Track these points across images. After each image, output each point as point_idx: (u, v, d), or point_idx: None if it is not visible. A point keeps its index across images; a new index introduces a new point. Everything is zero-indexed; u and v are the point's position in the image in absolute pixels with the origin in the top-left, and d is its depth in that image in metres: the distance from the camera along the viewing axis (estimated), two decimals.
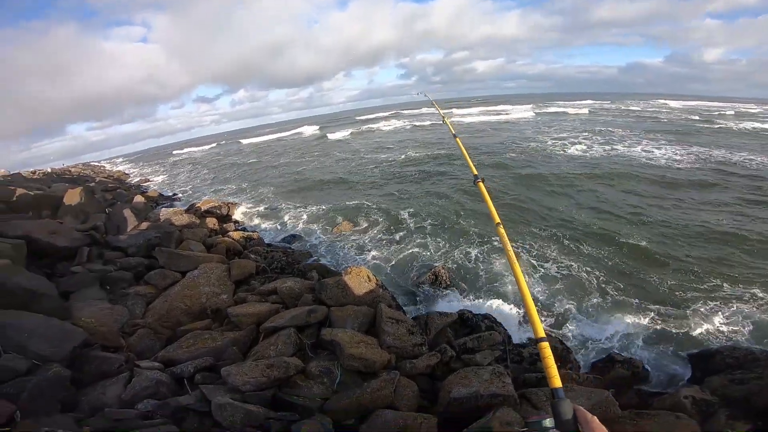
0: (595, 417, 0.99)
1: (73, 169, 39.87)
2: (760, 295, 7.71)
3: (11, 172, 25.31)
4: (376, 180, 20.41)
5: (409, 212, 14.41)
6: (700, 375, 5.65)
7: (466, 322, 6.72)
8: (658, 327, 7.17)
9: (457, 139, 2.96)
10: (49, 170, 35.67)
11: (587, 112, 49.53)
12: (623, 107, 57.65)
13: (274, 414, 4.08)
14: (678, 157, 20.35)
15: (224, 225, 14.14)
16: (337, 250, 11.83)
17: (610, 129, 31.45)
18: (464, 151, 2.62)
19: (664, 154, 21.19)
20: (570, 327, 7.41)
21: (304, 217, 15.38)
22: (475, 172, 2.28)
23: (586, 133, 29.45)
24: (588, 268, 9.37)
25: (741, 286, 8.12)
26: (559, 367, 4.51)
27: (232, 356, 5.40)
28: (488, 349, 5.72)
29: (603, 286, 8.63)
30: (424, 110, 70.30)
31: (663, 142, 24.71)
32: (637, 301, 8.00)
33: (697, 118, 40.55)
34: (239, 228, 14.05)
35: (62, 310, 6.11)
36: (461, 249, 11.04)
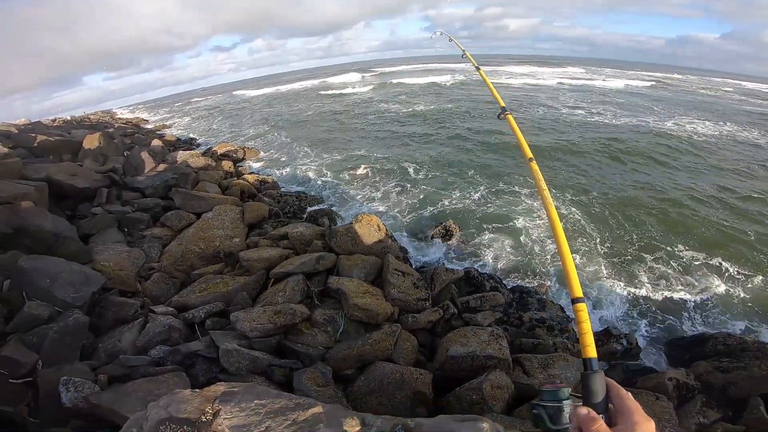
0: (629, 395, 0.86)
1: (92, 117, 39.95)
2: None
3: (32, 121, 25.42)
4: (393, 131, 19.90)
5: (423, 164, 14.14)
6: (689, 358, 5.60)
7: (472, 280, 6.69)
8: (661, 304, 7.02)
9: (480, 70, 2.64)
10: (68, 118, 35.81)
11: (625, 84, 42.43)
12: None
13: (278, 361, 4.23)
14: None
15: (240, 168, 14.18)
16: (349, 197, 11.79)
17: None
18: (489, 83, 2.31)
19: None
20: (565, 293, 7.24)
21: (319, 163, 15.26)
22: (503, 104, 1.97)
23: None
24: (596, 235, 9.12)
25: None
26: (555, 336, 4.43)
27: (241, 302, 5.56)
28: (490, 310, 5.72)
29: (610, 256, 8.39)
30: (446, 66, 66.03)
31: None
32: (642, 275, 7.79)
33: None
34: (254, 171, 14.02)
35: (83, 254, 6.33)
36: (473, 204, 10.88)
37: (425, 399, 4.01)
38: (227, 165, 13.64)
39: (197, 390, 2.63)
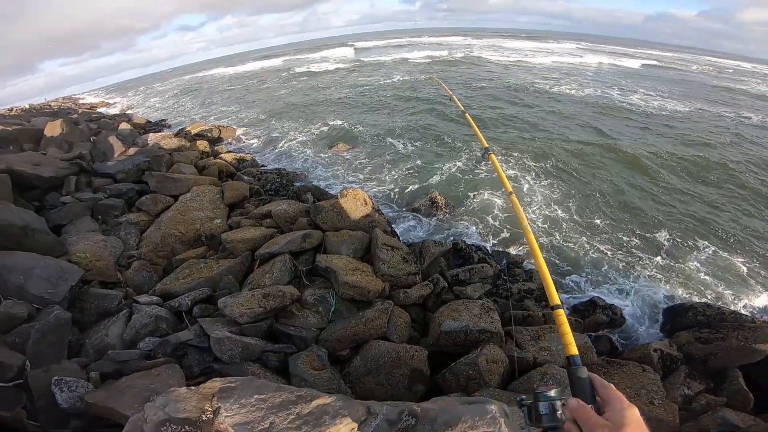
0: (611, 386, 0.96)
1: (53, 104, 37.98)
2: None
3: None
4: (373, 104, 19.58)
5: (406, 135, 14.03)
6: (670, 328, 5.79)
7: (460, 252, 6.73)
8: (641, 275, 7.18)
9: (467, 114, 2.78)
10: (27, 106, 33.93)
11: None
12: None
13: (271, 346, 4.19)
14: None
15: (216, 147, 13.78)
16: (332, 171, 11.62)
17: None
18: (474, 126, 2.45)
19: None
20: (555, 266, 7.34)
21: (300, 139, 14.94)
22: (486, 145, 2.12)
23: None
24: (577, 207, 9.21)
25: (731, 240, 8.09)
26: (544, 306, 4.51)
27: (228, 286, 5.46)
28: (479, 282, 5.76)
29: (594, 227, 8.51)
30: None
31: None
32: (623, 244, 7.98)
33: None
34: (231, 150, 13.62)
35: (56, 246, 6.08)
36: (458, 174, 10.88)
37: (422, 376, 4.05)
38: (202, 145, 13.20)
39: (193, 387, 2.57)
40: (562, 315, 1.25)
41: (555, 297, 1.33)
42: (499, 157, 11.09)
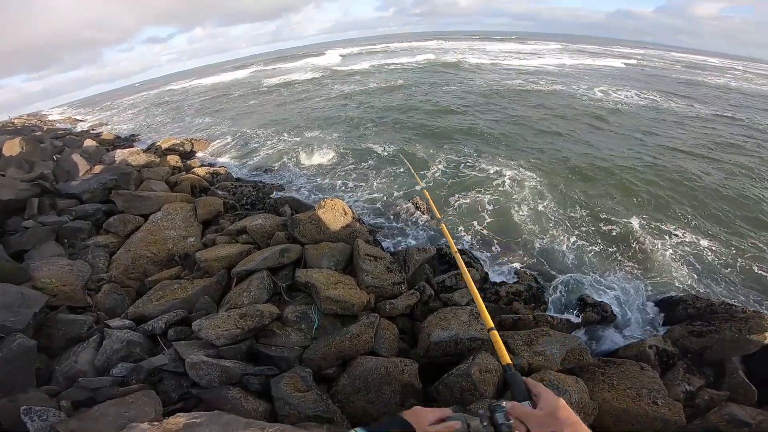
0: (539, 383, 1.16)
1: (16, 121, 36.77)
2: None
3: None
4: (347, 111, 19.59)
5: (383, 141, 14.06)
6: (662, 323, 5.87)
7: (444, 258, 6.71)
8: (629, 269, 7.28)
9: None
10: None
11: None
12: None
13: (251, 369, 4.06)
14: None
15: (188, 162, 13.48)
16: (310, 181, 11.50)
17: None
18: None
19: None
20: (540, 265, 7.40)
21: (276, 149, 14.81)
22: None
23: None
24: (560, 204, 9.39)
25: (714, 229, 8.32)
26: (533, 308, 4.58)
27: (205, 306, 5.29)
28: (466, 287, 5.72)
29: (576, 224, 8.65)
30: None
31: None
32: (607, 239, 8.11)
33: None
34: (204, 164, 13.38)
35: (17, 272, 5.80)
36: (439, 177, 10.96)
37: (414, 390, 3.97)
38: (173, 160, 12.90)
39: (156, 423, 2.46)
40: (496, 335, 1.49)
41: (488, 320, 1.61)
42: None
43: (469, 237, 8.24)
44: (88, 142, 14.77)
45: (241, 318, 4.56)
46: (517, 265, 7.22)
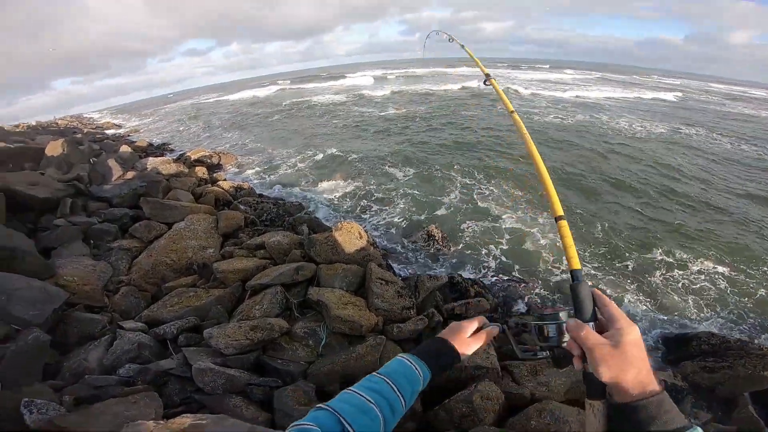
0: (612, 303, 0.95)
1: (60, 122, 38.82)
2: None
3: None
4: (372, 134, 20.10)
5: (405, 168, 14.25)
6: (674, 359, 5.72)
7: (456, 286, 6.71)
8: (644, 302, 7.16)
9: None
10: (33, 123, 34.69)
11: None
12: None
13: (256, 379, 4.11)
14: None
15: (214, 175, 13.94)
16: (329, 203, 11.70)
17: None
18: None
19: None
20: (552, 295, 7.34)
21: (298, 168, 15.19)
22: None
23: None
24: (577, 236, 9.29)
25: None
26: (542, 340, 4.50)
27: (216, 315, 5.41)
28: (475, 317, 5.70)
29: (592, 255, 8.58)
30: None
31: None
32: (623, 272, 8.01)
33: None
34: (229, 178, 13.81)
35: (44, 269, 6.07)
36: (457, 208, 10.94)
37: (414, 413, 3.95)
38: (201, 171, 13.38)
39: (162, 422, 2.54)
40: (565, 227, 1.18)
41: (558, 207, 1.25)
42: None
43: (481, 267, 8.21)
44: (124, 148, 15.47)
45: (252, 330, 4.65)
46: (528, 295, 7.17)
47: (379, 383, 1.06)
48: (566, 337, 0.96)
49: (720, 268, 7.99)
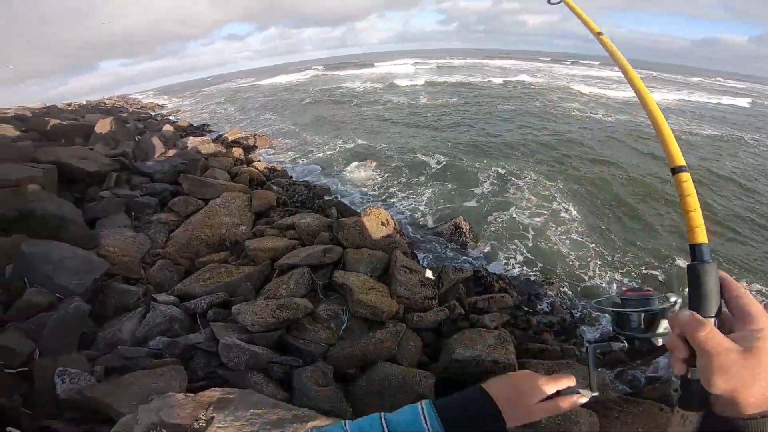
0: (747, 293, 0.68)
1: (107, 101, 40.05)
2: None
3: (47, 105, 25.28)
4: (406, 123, 19.57)
5: (437, 157, 13.76)
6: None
7: (480, 280, 6.46)
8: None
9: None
10: (84, 102, 35.87)
11: None
12: None
13: (278, 358, 4.07)
14: None
15: (250, 156, 14.00)
16: (359, 189, 11.55)
17: None
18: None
19: None
20: (578, 299, 6.90)
21: (331, 153, 15.05)
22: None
23: None
24: (610, 239, 8.72)
25: None
26: (563, 341, 4.21)
27: (245, 292, 5.39)
28: (497, 312, 5.48)
29: (622, 261, 7.97)
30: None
31: None
32: (654, 282, 7.41)
33: None
34: (264, 159, 13.85)
35: (88, 239, 6.21)
36: (487, 201, 10.49)
37: None
38: (237, 152, 13.48)
39: (191, 394, 2.49)
40: (687, 182, 0.83)
41: (677, 154, 0.87)
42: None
43: (508, 262, 7.87)
44: (167, 128, 15.78)
45: (278, 308, 4.59)
46: (553, 294, 6.82)
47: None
48: (661, 329, 0.76)
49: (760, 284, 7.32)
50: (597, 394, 0.87)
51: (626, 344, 0.83)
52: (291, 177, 12.01)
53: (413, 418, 0.83)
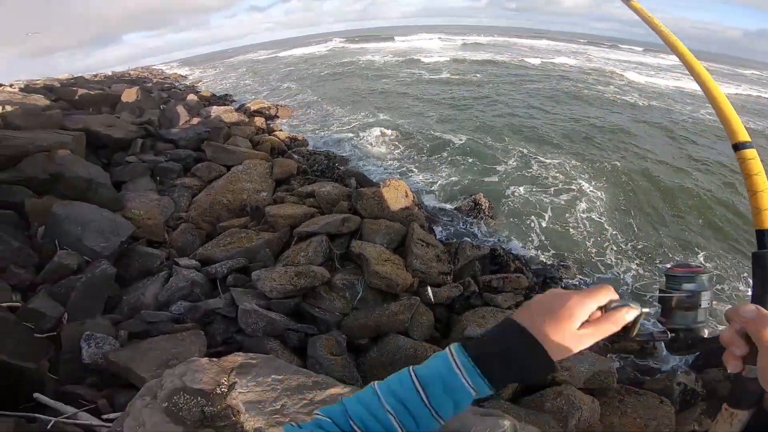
0: None
1: (132, 72, 39.75)
2: None
3: (75, 76, 25.26)
4: (427, 97, 18.74)
5: (458, 132, 13.19)
6: (703, 363, 5.02)
7: (497, 259, 6.22)
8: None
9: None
10: (110, 73, 35.74)
11: None
12: None
13: (294, 325, 4.05)
14: None
15: (271, 125, 13.83)
16: (378, 160, 11.22)
17: None
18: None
19: None
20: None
21: (351, 124, 14.65)
22: None
23: None
24: (632, 226, 8.18)
25: None
26: None
27: (264, 258, 5.36)
28: (511, 292, 5.30)
29: (644, 251, 7.47)
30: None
31: None
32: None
33: None
34: (285, 128, 13.63)
35: (115, 201, 6.26)
36: (509, 179, 9.97)
37: None
38: (259, 121, 13.31)
39: (214, 359, 2.42)
40: (753, 158, 0.71)
41: (740, 129, 0.76)
42: None
43: (526, 243, 7.49)
44: (191, 97, 15.65)
45: (296, 276, 4.54)
46: (569, 279, 6.53)
47: (408, 390, 0.68)
48: (701, 316, 0.68)
49: None
50: (648, 310, 0.68)
51: (670, 335, 0.72)
52: (311, 147, 11.82)
53: (445, 367, 0.68)
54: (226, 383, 2.33)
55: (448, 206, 8.63)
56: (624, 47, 66.27)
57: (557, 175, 10.17)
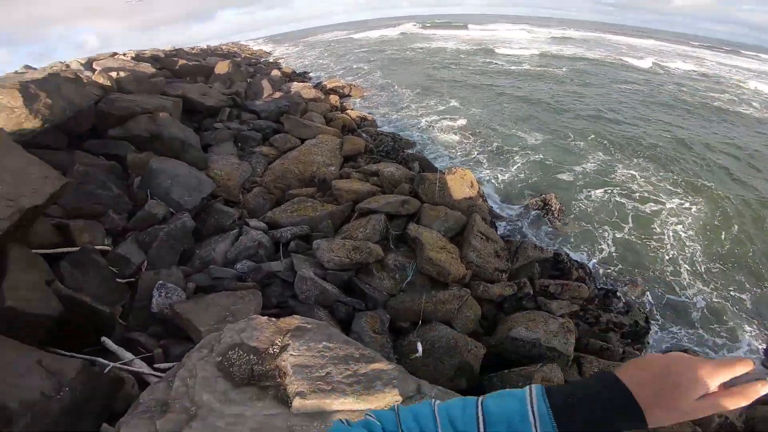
0: None
1: (224, 47, 41.77)
2: None
3: (176, 48, 27.21)
4: (501, 89, 17.64)
5: (533, 128, 12.44)
6: (757, 400, 4.21)
7: (559, 264, 5.77)
8: (756, 340, 5.49)
9: None
10: (205, 47, 37.86)
11: None
12: None
13: (344, 298, 4.09)
14: None
15: (344, 103, 13.96)
16: (444, 147, 10.89)
17: None
18: None
19: None
20: (658, 306, 5.90)
21: (421, 110, 14.36)
22: None
23: None
24: (713, 248, 7.24)
25: None
26: (628, 344, 3.56)
27: (325, 229, 5.47)
28: (568, 300, 4.91)
29: (720, 277, 6.60)
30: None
31: None
32: (748, 305, 6.09)
33: None
34: (357, 108, 13.68)
35: (201, 161, 6.67)
36: (586, 182, 9.11)
37: (470, 372, 3.67)
38: (334, 99, 13.53)
39: (273, 319, 2.47)
40: None
41: None
42: None
43: (594, 252, 6.90)
44: (275, 72, 16.23)
45: (353, 250, 4.58)
46: (634, 297, 5.94)
47: (469, 423, 0.61)
48: None
49: None
50: None
51: None
52: (379, 127, 11.78)
53: (519, 413, 0.59)
54: (279, 344, 2.36)
55: (514, 203, 8.18)
56: (745, 53, 54.73)
57: (644, 184, 9.13)
